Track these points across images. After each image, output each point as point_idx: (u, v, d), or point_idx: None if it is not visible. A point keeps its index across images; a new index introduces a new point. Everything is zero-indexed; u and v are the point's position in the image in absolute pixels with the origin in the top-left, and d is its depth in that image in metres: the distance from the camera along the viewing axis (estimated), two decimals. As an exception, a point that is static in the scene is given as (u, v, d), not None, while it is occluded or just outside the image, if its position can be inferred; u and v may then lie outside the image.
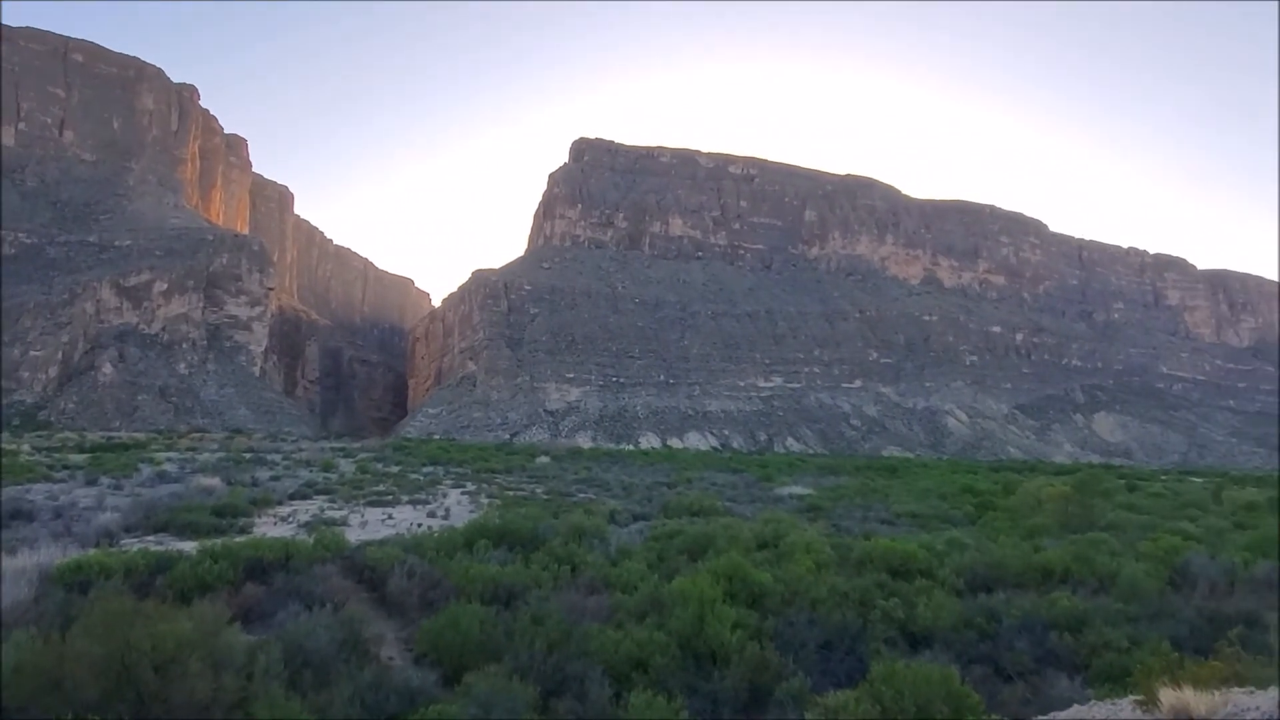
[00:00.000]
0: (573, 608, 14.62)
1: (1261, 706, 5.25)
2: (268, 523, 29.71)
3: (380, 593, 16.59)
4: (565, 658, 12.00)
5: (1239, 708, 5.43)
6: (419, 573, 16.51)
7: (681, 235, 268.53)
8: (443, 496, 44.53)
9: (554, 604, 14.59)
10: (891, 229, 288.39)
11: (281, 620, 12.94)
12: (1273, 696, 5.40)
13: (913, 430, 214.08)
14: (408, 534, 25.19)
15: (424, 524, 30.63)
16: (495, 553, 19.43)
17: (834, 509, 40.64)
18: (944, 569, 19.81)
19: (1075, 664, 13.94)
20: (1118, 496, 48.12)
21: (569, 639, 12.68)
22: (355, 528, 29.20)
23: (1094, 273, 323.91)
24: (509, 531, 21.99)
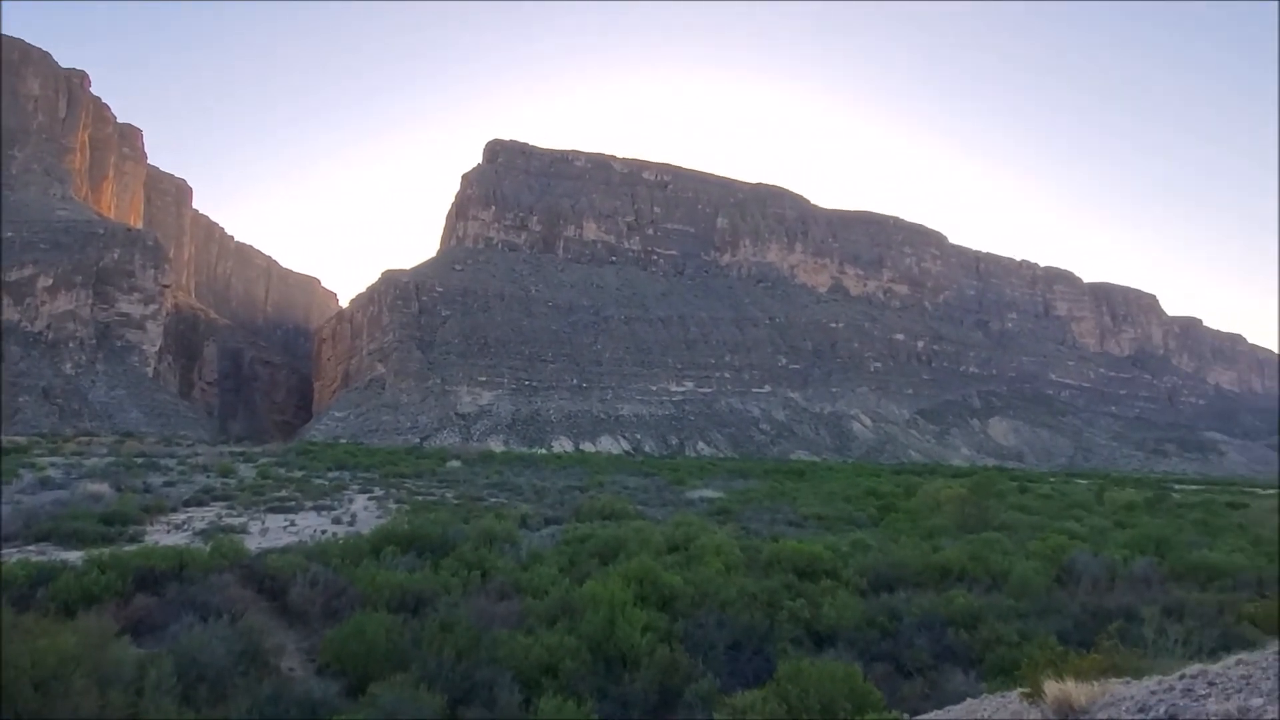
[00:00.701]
0: (483, 614, 14.45)
1: (1135, 696, 5.59)
2: (161, 531, 28.42)
3: (281, 602, 16.06)
4: (474, 665, 11.85)
5: (1115, 698, 5.77)
6: (323, 581, 16.05)
7: (595, 240, 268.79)
8: (349, 502, 43.39)
9: (463, 610, 14.40)
10: (800, 238, 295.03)
11: (175, 632, 12.38)
12: (1146, 686, 5.76)
13: (819, 434, 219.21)
14: (311, 541, 24.49)
15: (329, 531, 29.82)
16: (403, 559, 19.05)
17: (743, 512, 41.26)
18: (848, 570, 20.35)
19: (970, 659, 14.52)
20: (1010, 498, 50.31)
21: (478, 646, 12.53)
22: (255, 535, 28.22)
23: (990, 284, 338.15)
24: (418, 537, 21.59)
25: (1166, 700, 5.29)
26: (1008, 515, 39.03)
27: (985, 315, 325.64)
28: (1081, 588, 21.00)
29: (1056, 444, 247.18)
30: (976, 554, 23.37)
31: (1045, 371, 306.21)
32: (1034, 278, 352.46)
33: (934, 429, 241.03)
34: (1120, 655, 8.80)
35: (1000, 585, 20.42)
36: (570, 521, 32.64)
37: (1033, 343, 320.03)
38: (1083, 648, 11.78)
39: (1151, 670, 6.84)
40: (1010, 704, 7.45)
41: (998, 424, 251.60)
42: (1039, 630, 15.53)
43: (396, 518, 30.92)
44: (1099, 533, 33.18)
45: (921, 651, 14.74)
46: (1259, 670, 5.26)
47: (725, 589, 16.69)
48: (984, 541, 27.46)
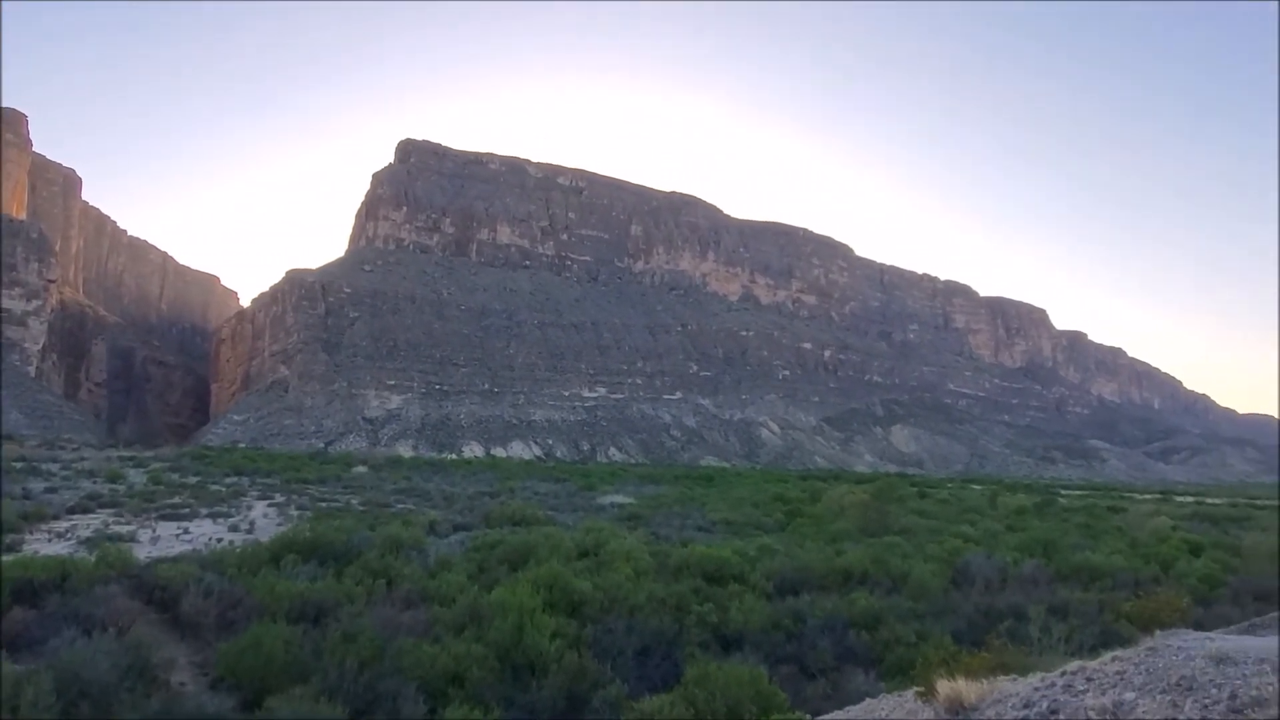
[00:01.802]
0: (388, 623, 14.15)
1: (1021, 693, 5.89)
2: (41, 540, 26.85)
3: (173, 614, 15.37)
4: (378, 675, 11.59)
5: (1003, 694, 6.06)
6: (217, 591, 15.44)
7: (509, 243, 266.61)
8: (247, 509, 41.89)
9: (367, 620, 14.07)
10: (713, 247, 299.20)
11: (55, 647, 11.71)
12: (1031, 683, 6.07)
13: (729, 441, 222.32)
14: (206, 550, 23.61)
15: (225, 539, 28.73)
16: (304, 568, 18.50)
17: (653, 517, 41.53)
18: (755, 574, 20.71)
19: (871, 659, 14.97)
20: (910, 503, 52.04)
21: (382, 656, 12.26)
22: (145, 544, 26.95)
23: (893, 295, 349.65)
24: (320, 545, 20.99)
25: (1049, 696, 5.59)
26: (907, 520, 40.38)
27: (889, 326, 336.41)
28: (975, 589, 21.91)
29: (954, 451, 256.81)
30: (878, 557, 24.12)
31: (944, 381, 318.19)
32: (934, 291, 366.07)
33: (839, 436, 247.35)
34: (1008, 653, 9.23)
35: (900, 587, 21.12)
36: (480, 528, 32.30)
37: (933, 353, 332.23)
38: (976, 646, 12.30)
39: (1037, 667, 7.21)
40: (906, 703, 7.73)
41: (899, 431, 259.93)
42: (935, 630, 16.13)
43: (298, 525, 29.99)
44: (992, 536, 34.67)
45: (825, 653, 15.12)
46: (1132, 666, 5.61)
47: (635, 594, 16.77)
48: (885, 545, 28.38)
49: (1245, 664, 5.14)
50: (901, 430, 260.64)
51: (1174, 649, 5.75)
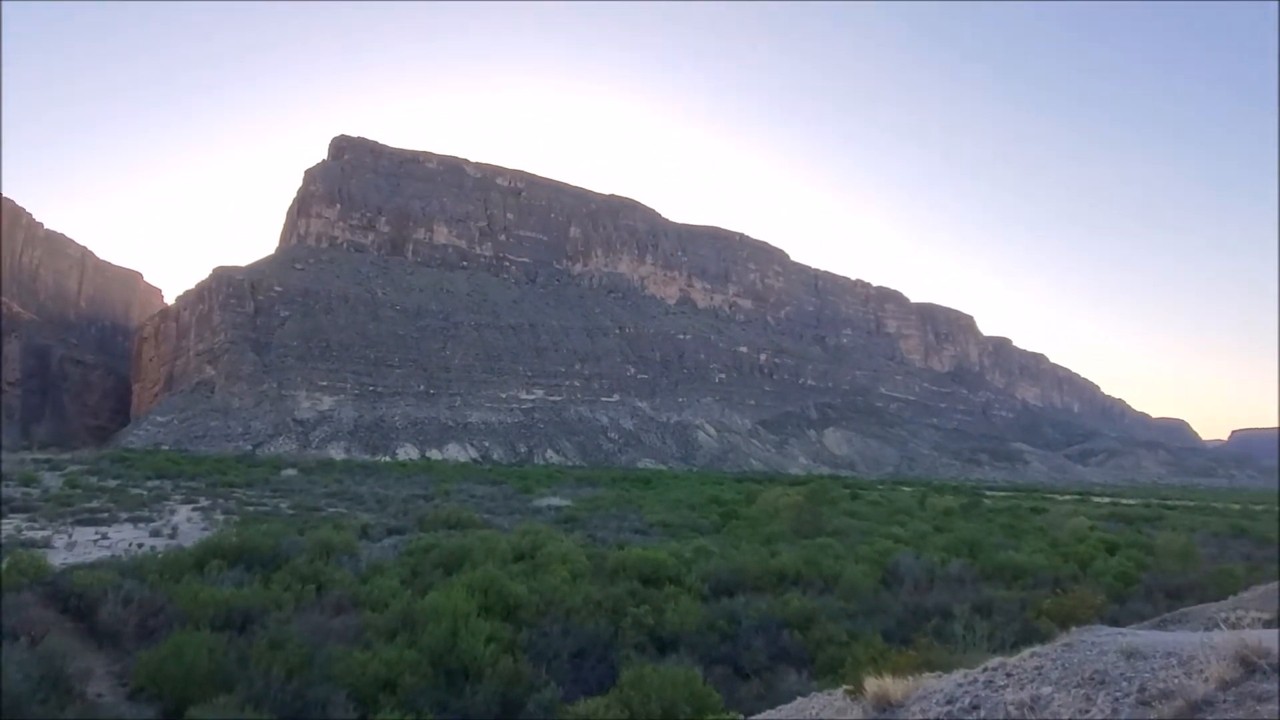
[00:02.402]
0: (317, 629, 13.88)
1: (944, 689, 6.07)
2: (-55, 547, 25.56)
3: (90, 623, 14.82)
4: (307, 683, 11.36)
5: (927, 691, 6.25)
6: (137, 598, 14.94)
7: (446, 244, 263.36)
8: (170, 513, 40.60)
9: (296, 626, 13.78)
10: (651, 250, 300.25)
11: (-39, 659, 11.19)
12: (954, 679, 6.27)
13: (666, 443, 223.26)
14: (125, 556, 22.81)
15: (146, 544, 27.82)
16: (230, 573, 18.03)
17: (591, 519, 41.54)
18: (691, 575, 20.89)
19: (804, 659, 15.21)
20: (842, 505, 53.01)
21: (311, 663, 12.02)
22: (61, 550, 25.95)
23: (827, 300, 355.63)
24: (247, 550, 20.48)
25: (971, 692, 5.78)
26: (840, 521, 41.13)
27: (823, 330, 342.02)
28: (905, 588, 22.45)
29: (885, 453, 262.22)
30: (811, 558, 24.55)
31: (876, 385, 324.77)
32: (867, 296, 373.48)
33: (774, 439, 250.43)
34: (934, 651, 9.50)
35: (832, 587, 21.54)
36: (414, 531, 31.90)
37: (865, 358, 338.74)
38: (905, 645, 12.60)
39: (961, 664, 7.42)
40: (835, 701, 7.89)
41: (832, 434, 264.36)
42: (866, 629, 16.48)
43: (224, 530, 29.17)
44: (921, 537, 35.55)
45: (759, 653, 15.32)
46: (1049, 662, 5.84)
47: (571, 597, 16.76)
48: (818, 546, 28.88)
49: (1154, 658, 5.39)
50: (835, 433, 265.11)
51: (1089, 644, 5.99)
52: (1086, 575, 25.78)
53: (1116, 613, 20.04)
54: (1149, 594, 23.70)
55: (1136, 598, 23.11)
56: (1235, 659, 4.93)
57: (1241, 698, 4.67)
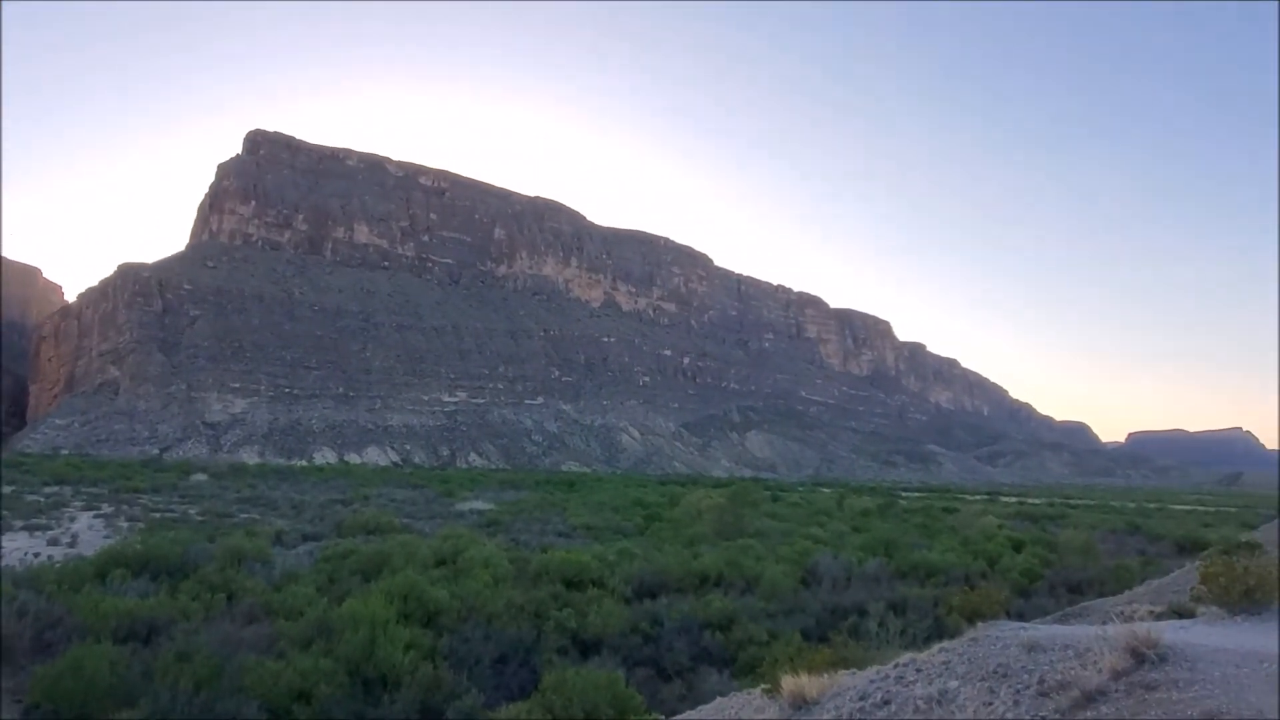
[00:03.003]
0: (227, 640, 13.44)
1: (858, 685, 6.27)
2: None
3: (-20, 637, 14.02)
4: (216, 695, 10.99)
5: (842, 688, 6.43)
6: (33, 610, 14.20)
7: (367, 243, 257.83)
8: (70, 521, 38.75)
9: (204, 637, 13.32)
10: (576, 253, 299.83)
11: None
12: (867, 676, 6.46)
13: (590, 446, 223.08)
14: (21, 566, 21.68)
15: (43, 553, 26.51)
16: (134, 583, 17.31)
17: (514, 523, 41.26)
18: (614, 578, 20.93)
19: (725, 659, 15.41)
20: (763, 507, 53.74)
21: (221, 675, 11.63)
22: (-53, 561, 24.43)
23: (749, 305, 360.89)
24: (153, 558, 19.70)
25: (883, 687, 5.97)
26: (761, 523, 41.75)
27: (745, 335, 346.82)
28: (823, 587, 22.94)
29: (805, 456, 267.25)
30: (733, 559, 24.86)
31: (796, 389, 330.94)
32: (788, 301, 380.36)
33: (697, 441, 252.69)
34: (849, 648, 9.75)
35: (753, 588, 21.86)
36: (331, 537, 31.22)
37: (786, 361, 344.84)
38: (823, 643, 12.89)
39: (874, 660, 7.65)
40: (754, 700, 8.04)
41: (755, 437, 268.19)
42: (786, 629, 16.77)
43: (127, 538, 28.00)
44: (839, 537, 36.37)
45: (681, 654, 15.45)
46: (956, 656, 6.07)
47: (493, 602, 16.62)
48: (740, 548, 29.26)
49: (1053, 651, 5.66)
50: (756, 436, 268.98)
51: (993, 639, 6.25)
52: (995, 572, 26.74)
53: (1022, 607, 20.86)
54: (1052, 589, 24.74)
55: (1041, 593, 24.10)
56: (1126, 650, 5.21)
57: (1131, 687, 4.94)
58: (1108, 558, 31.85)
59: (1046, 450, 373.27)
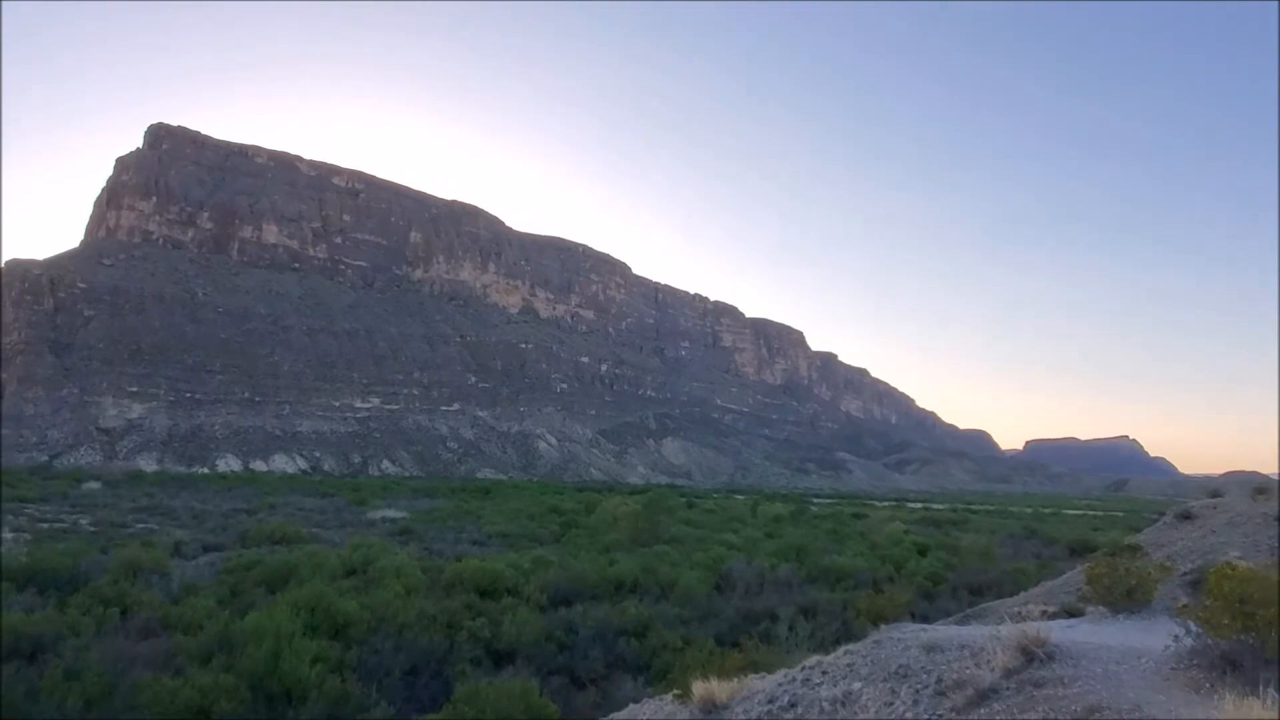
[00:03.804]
0: (120, 656, 12.87)
1: (766, 689, 6.42)
2: None
3: None
4: (108, 714, 10.51)
5: (751, 691, 6.58)
6: (-95, 629, 13.32)
7: (276, 244, 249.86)
8: (-55, 533, 36.30)
9: (96, 654, 12.73)
10: (494, 258, 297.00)
11: None
12: (775, 679, 6.63)
13: (506, 453, 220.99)
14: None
15: (-86, 568, 24.71)
16: (19, 598, 16.41)
17: (427, 532, 40.63)
18: (530, 586, 20.84)
19: (640, 665, 15.50)
20: (679, 513, 54.26)
21: (113, 693, 11.13)
22: None
23: (667, 313, 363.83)
24: (40, 571, 18.73)
25: (790, 690, 6.14)
26: (676, 529, 42.13)
27: (662, 343, 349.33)
28: (737, 593, 23.30)
29: (720, 463, 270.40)
30: (648, 566, 25.05)
31: (712, 397, 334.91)
32: (705, 310, 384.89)
33: (614, 448, 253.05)
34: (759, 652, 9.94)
35: (668, 594, 22.06)
36: (234, 548, 30.20)
37: (702, 370, 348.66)
38: (735, 647, 13.10)
39: (783, 664, 7.83)
40: (666, 705, 8.14)
41: (670, 444, 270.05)
42: (700, 634, 16.98)
43: (12, 549, 26.49)
44: (752, 543, 36.99)
45: (596, 662, 15.48)
46: (860, 658, 6.29)
47: (404, 612, 16.34)
48: (655, 554, 29.48)
49: (950, 651, 5.92)
50: (672, 443, 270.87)
51: (895, 640, 6.49)
52: (901, 575, 27.62)
53: (927, 609, 21.60)
54: (955, 591, 25.69)
55: (944, 595, 24.99)
56: (1017, 649, 5.49)
57: (1022, 684, 5.21)
58: (1006, 561, 33.24)
59: (950, 458, 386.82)
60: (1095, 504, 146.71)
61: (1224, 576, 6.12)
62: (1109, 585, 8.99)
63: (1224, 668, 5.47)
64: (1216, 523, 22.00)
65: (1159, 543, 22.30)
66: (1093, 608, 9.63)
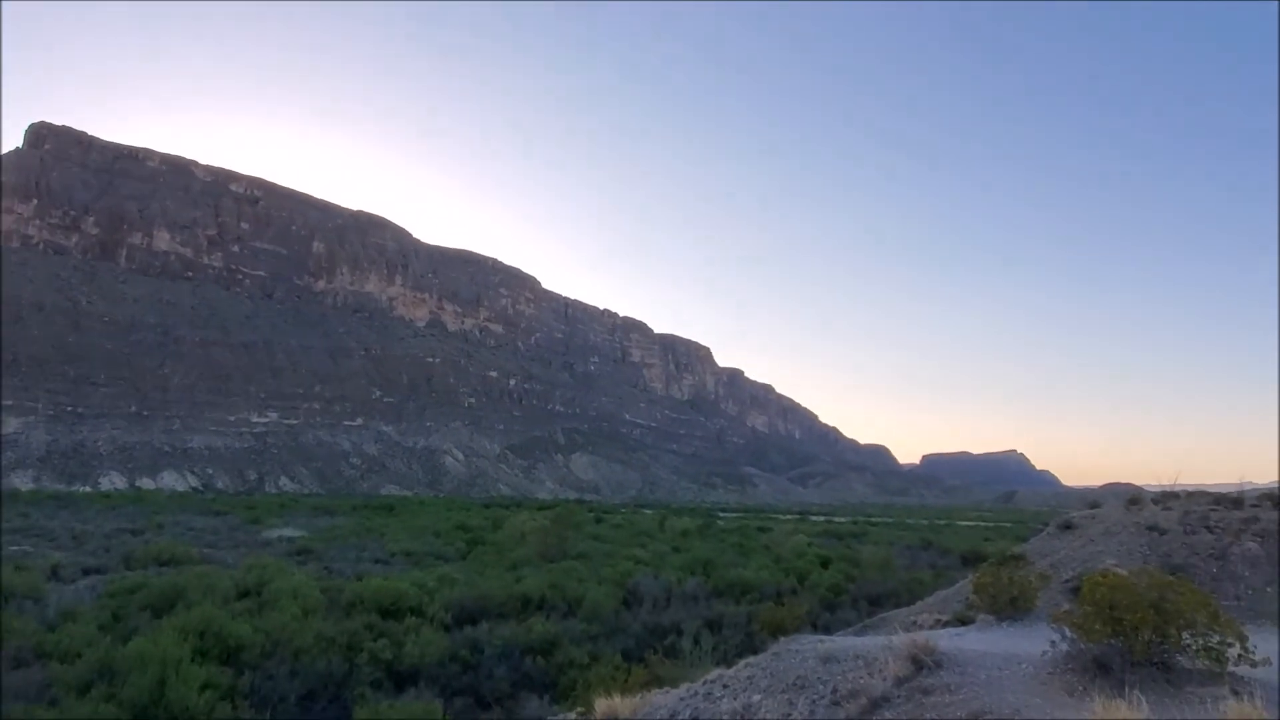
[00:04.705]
0: (-10, 688, 12.06)
1: (668, 704, 6.51)
2: None
3: None
4: (-26, 752, 9.85)
5: (654, 707, 6.65)
6: None
7: (168, 251, 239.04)
8: None
9: (-39, 687, 11.89)
10: (401, 270, 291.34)
11: None
12: (678, 694, 6.72)
13: (412, 469, 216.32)
14: None
15: None
16: (-128, 629, 15.18)
17: (327, 551, 39.48)
18: (434, 605, 20.45)
19: (546, 683, 15.41)
20: (587, 529, 54.11)
21: (-19, 728, 10.44)
22: None
23: (576, 328, 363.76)
24: (-103, 600, 17.37)
25: (691, 704, 6.24)
26: (585, 545, 41.99)
27: (571, 358, 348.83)
28: (644, 608, 23.39)
29: (628, 478, 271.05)
30: (556, 582, 24.90)
31: (621, 411, 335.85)
32: (614, 325, 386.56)
33: (523, 464, 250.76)
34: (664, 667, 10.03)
35: (576, 610, 21.98)
36: (118, 570, 28.69)
37: (611, 385, 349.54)
38: (641, 663, 13.16)
39: (687, 678, 7.94)
40: (570, 722, 8.14)
41: (579, 459, 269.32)
42: (607, 650, 16.99)
43: None
44: (660, 557, 37.16)
45: (501, 681, 15.31)
46: (760, 671, 6.44)
47: (301, 635, 15.83)
48: (563, 570, 29.34)
49: (846, 661, 6.12)
50: (581, 458, 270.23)
51: (794, 652, 6.67)
52: (804, 587, 28.21)
53: (828, 620, 22.16)
54: (855, 602, 26.41)
55: (845, 606, 25.66)
56: (908, 658, 5.73)
57: (911, 692, 5.44)
58: (904, 571, 34.31)
59: (852, 472, 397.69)
60: (986, 515, 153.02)
61: (1096, 584, 6.52)
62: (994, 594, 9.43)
63: (1095, 671, 5.82)
64: (1095, 532, 23.26)
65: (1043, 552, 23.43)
66: (981, 616, 10.08)
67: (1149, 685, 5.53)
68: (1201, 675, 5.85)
